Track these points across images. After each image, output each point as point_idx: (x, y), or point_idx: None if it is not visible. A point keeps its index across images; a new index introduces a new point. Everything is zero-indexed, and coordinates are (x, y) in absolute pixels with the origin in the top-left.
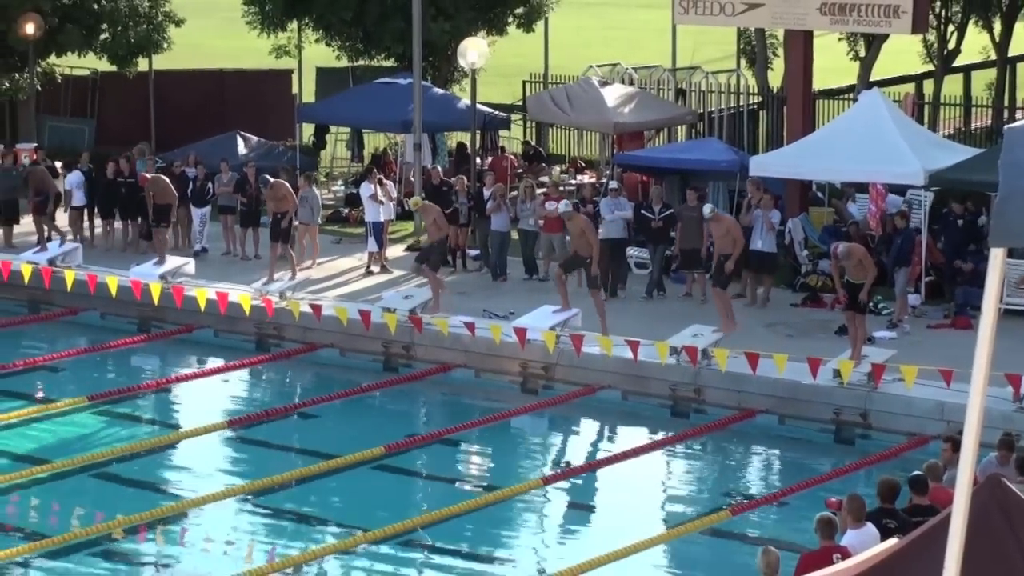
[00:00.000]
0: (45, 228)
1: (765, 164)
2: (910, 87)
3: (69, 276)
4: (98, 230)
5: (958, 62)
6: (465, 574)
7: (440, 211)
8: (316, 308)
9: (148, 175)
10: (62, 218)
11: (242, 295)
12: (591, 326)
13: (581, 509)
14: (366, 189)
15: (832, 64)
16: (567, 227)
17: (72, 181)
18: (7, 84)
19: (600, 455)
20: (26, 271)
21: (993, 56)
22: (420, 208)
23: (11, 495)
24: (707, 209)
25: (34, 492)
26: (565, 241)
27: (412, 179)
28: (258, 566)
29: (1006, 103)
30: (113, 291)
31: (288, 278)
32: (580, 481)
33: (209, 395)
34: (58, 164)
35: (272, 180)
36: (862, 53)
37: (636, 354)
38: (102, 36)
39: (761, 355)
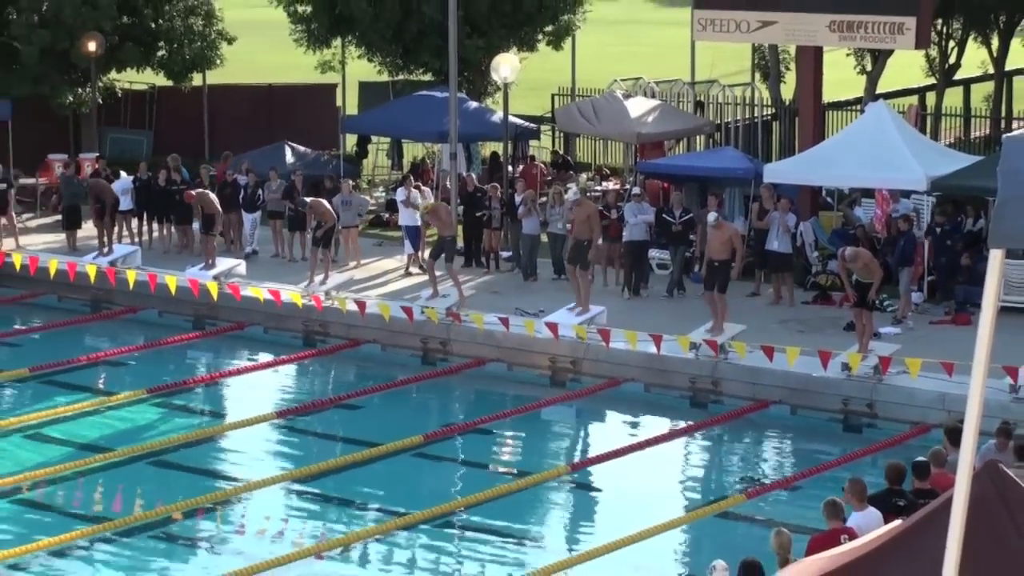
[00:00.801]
0: (105, 233)
1: (778, 171)
2: (913, 99)
3: (131, 276)
4: (154, 234)
5: (958, 76)
6: (497, 554)
7: (448, 209)
8: (361, 305)
9: (194, 192)
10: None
11: (292, 293)
12: (616, 323)
13: (605, 493)
14: (400, 195)
15: (841, 78)
16: (575, 212)
17: (118, 188)
18: (71, 98)
19: (623, 443)
20: (91, 271)
21: (991, 70)
22: (429, 210)
23: (76, 481)
24: (712, 217)
25: (97, 478)
26: None
27: (448, 186)
28: (305, 547)
29: (1003, 114)
30: (172, 290)
31: (320, 279)
32: (604, 467)
33: (259, 388)
34: (122, 173)
35: (310, 201)
36: (869, 67)
37: (659, 348)
38: (159, 53)
39: (775, 349)
